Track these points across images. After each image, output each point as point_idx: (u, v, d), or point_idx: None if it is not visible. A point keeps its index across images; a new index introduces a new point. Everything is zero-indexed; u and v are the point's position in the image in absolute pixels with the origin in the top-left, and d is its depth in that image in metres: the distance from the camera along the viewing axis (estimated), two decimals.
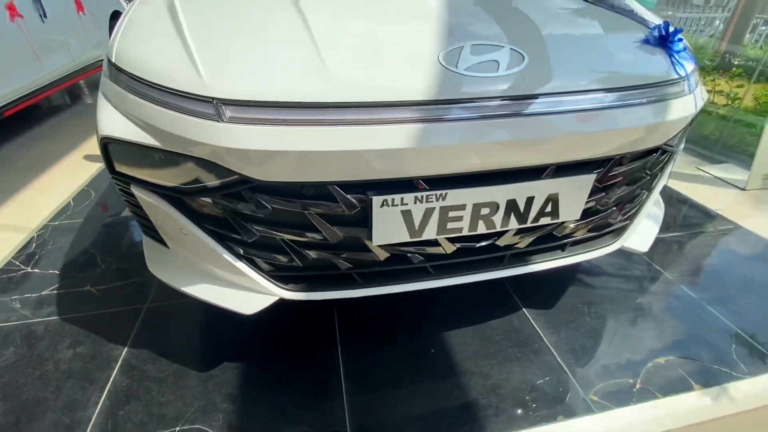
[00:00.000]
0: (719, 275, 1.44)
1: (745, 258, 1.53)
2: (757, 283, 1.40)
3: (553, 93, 0.77)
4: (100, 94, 0.88)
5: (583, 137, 0.79)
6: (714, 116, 2.95)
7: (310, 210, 0.77)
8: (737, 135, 2.64)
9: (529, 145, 0.77)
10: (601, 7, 1.03)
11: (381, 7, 0.93)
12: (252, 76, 0.73)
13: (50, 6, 2.85)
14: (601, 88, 0.81)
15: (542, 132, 0.76)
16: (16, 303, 1.29)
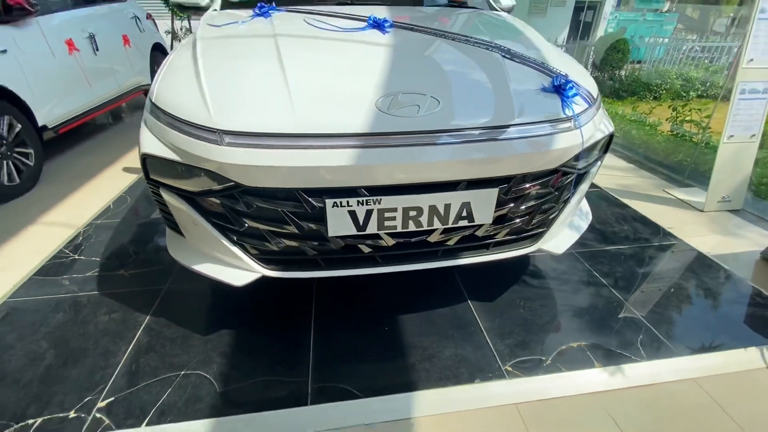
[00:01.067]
0: (647, 281, 1.65)
1: (675, 268, 1.74)
2: (679, 288, 1.61)
3: (458, 129, 1.06)
4: (142, 123, 1.23)
5: (483, 161, 1.07)
6: (689, 142, 3.15)
7: (282, 209, 1.08)
8: (709, 161, 2.83)
9: (440, 166, 1.05)
10: (516, 61, 1.32)
11: (339, 64, 1.26)
12: (243, 113, 1.06)
13: (102, 41, 3.37)
14: (499, 125, 1.10)
15: (449, 156, 1.05)
16: (65, 281, 1.64)
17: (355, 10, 1.69)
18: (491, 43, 1.39)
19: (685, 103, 3.41)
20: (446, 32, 1.45)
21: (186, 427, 1.07)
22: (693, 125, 3.18)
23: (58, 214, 2.22)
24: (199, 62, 1.24)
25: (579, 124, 1.17)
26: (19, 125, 2.45)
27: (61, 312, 1.47)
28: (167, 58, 1.40)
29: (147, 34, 4.24)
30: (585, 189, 1.38)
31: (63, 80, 2.88)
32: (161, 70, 1.32)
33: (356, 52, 1.30)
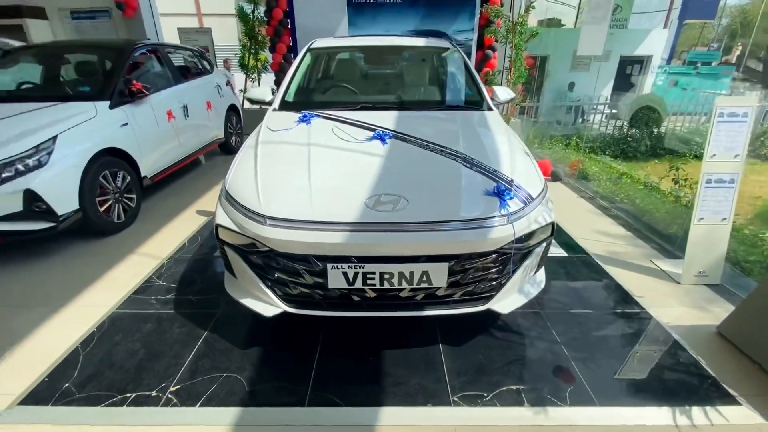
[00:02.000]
0: (596, 342, 1.96)
1: (627, 334, 2.03)
2: (622, 351, 1.91)
3: (419, 222, 1.56)
4: (218, 201, 1.85)
5: (435, 245, 1.55)
6: (684, 208, 3.34)
7: (299, 267, 1.61)
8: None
9: (405, 247, 1.54)
10: (469, 167, 1.81)
11: (346, 170, 1.83)
12: (281, 205, 1.64)
13: (192, 108, 4.32)
14: (450, 220, 1.58)
15: (411, 240, 1.54)
16: (152, 300, 2.29)
17: (373, 116, 2.29)
18: (459, 153, 1.90)
19: (685, 161, 3.59)
20: (428, 143, 1.99)
21: (223, 410, 1.59)
22: (688, 188, 3.37)
23: (149, 247, 2.95)
24: (258, 164, 1.86)
25: (511, 220, 1.62)
26: (128, 177, 3.30)
27: (149, 323, 2.10)
28: (239, 154, 2.06)
29: (225, 98, 5.24)
30: (531, 264, 1.79)
31: (161, 141, 3.77)
32: (234, 164, 1.97)
33: (360, 160, 1.87)
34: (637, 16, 14.17)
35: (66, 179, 2.73)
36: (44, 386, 1.71)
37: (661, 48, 11.50)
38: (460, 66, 2.95)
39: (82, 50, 4.11)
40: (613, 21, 11.70)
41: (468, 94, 2.78)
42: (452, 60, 3.06)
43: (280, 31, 6.25)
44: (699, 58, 13.44)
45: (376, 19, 6.22)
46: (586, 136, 7.42)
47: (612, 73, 11.44)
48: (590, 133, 7.92)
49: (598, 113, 10.34)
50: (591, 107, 10.52)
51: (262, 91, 2.82)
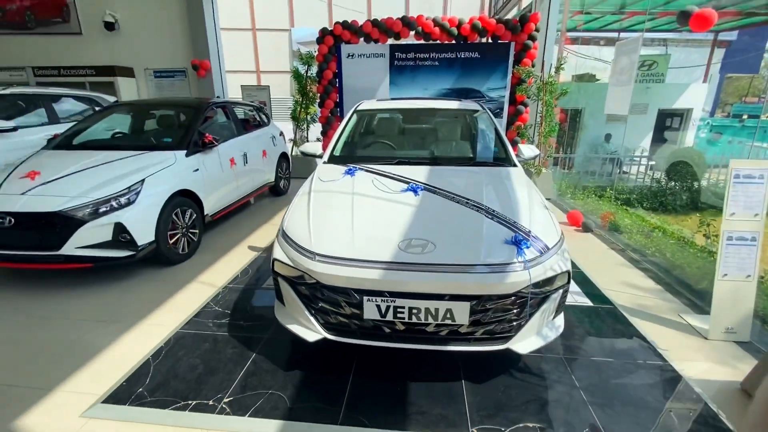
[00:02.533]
0: (616, 389, 2.04)
1: (648, 384, 2.09)
2: (641, 403, 1.97)
3: (444, 264, 1.81)
4: (275, 240, 2.20)
5: (458, 285, 1.78)
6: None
7: (340, 298, 1.89)
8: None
9: (431, 285, 1.79)
10: (491, 218, 2.06)
11: (384, 216, 2.13)
12: (328, 244, 1.95)
13: (250, 156, 4.91)
14: (472, 264, 1.81)
15: (437, 279, 1.78)
16: (210, 324, 2.63)
17: (408, 171, 2.63)
18: (482, 205, 2.17)
19: (714, 215, 3.59)
20: (455, 195, 2.28)
21: (268, 422, 1.82)
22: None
23: (207, 276, 3.35)
24: (310, 209, 2.22)
25: (528, 266, 1.83)
26: (195, 214, 3.81)
27: (207, 343, 2.42)
28: (294, 200, 2.43)
29: (278, 147, 5.88)
30: (549, 308, 1.96)
31: (223, 184, 4.32)
32: (291, 208, 2.34)
33: (395, 208, 2.18)
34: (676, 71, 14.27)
35: (147, 215, 3.24)
36: (123, 389, 2.04)
37: (701, 101, 11.43)
38: (488, 126, 3.28)
39: (165, 107, 4.88)
40: (650, 76, 11.89)
41: (494, 152, 3.08)
42: (481, 120, 3.41)
43: (329, 90, 6.99)
44: (745, 111, 13.17)
45: (415, 79, 6.83)
46: (620, 188, 7.44)
47: (650, 125, 11.45)
48: (626, 185, 7.91)
49: (636, 165, 10.29)
50: (629, 159, 10.50)
51: (314, 146, 3.27)
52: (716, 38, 12.91)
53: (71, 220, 2.91)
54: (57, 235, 2.92)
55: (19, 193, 2.98)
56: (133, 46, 7.98)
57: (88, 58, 7.96)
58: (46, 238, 2.93)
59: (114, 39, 7.96)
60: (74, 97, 5.78)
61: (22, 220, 2.89)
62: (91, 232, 2.97)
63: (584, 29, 12.05)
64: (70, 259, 2.97)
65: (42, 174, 3.18)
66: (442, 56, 6.67)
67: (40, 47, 8.03)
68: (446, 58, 6.67)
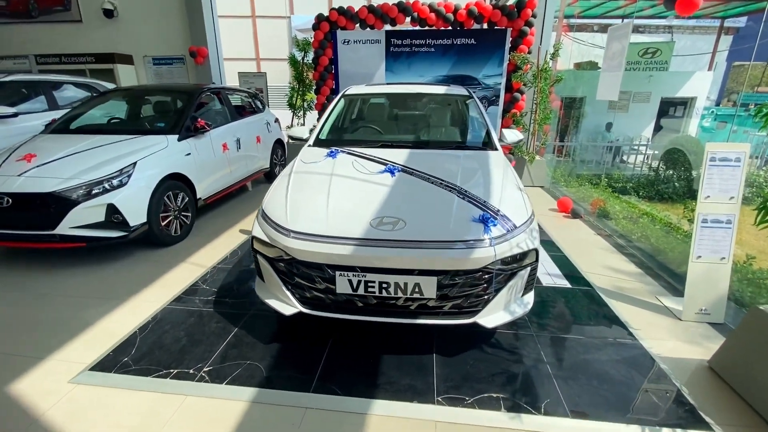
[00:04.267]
0: (582, 364, 2.11)
1: (614, 360, 2.15)
2: (605, 377, 2.03)
3: (413, 240, 1.87)
4: (255, 219, 2.27)
5: (425, 260, 1.84)
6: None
7: (314, 273, 1.96)
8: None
9: (400, 260, 1.85)
10: (462, 197, 2.11)
11: (359, 196, 2.19)
12: (303, 222, 2.02)
13: (243, 142, 4.97)
14: (439, 240, 1.87)
15: (406, 255, 1.85)
16: (196, 300, 2.72)
17: (390, 154, 2.68)
18: (455, 186, 2.22)
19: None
20: (430, 176, 2.33)
21: (244, 389, 1.92)
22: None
23: (197, 257, 3.45)
24: (288, 190, 2.29)
25: (493, 243, 1.89)
26: (186, 198, 3.89)
27: (193, 318, 2.51)
28: (276, 180, 2.50)
29: (272, 133, 5.93)
30: (516, 285, 2.02)
31: (215, 169, 4.39)
32: (271, 189, 2.41)
33: (370, 188, 2.23)
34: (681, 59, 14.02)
35: (139, 197, 3.33)
36: (109, 358, 2.14)
37: (705, 90, 11.26)
38: (474, 111, 3.31)
39: (159, 93, 4.94)
40: (653, 64, 11.70)
41: (477, 136, 3.12)
42: (466, 105, 3.44)
43: (324, 76, 7.00)
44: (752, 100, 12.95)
45: (412, 65, 6.82)
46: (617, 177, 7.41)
47: (653, 114, 11.32)
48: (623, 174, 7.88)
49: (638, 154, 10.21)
50: (630, 148, 10.42)
51: (301, 130, 3.32)
52: (722, 25, 12.64)
53: (65, 201, 3.00)
54: (52, 216, 3.01)
55: (16, 174, 3.08)
56: (132, 34, 8.02)
57: (88, 45, 8.02)
58: (41, 218, 3.03)
59: (113, 26, 8.00)
60: (74, 84, 5.85)
61: (18, 201, 2.99)
62: (84, 213, 3.06)
63: (585, 15, 11.85)
64: (64, 238, 3.07)
65: (38, 156, 3.27)
66: (438, 42, 6.63)
67: (42, 35, 8.09)
68: (442, 45, 6.64)
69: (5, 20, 8.06)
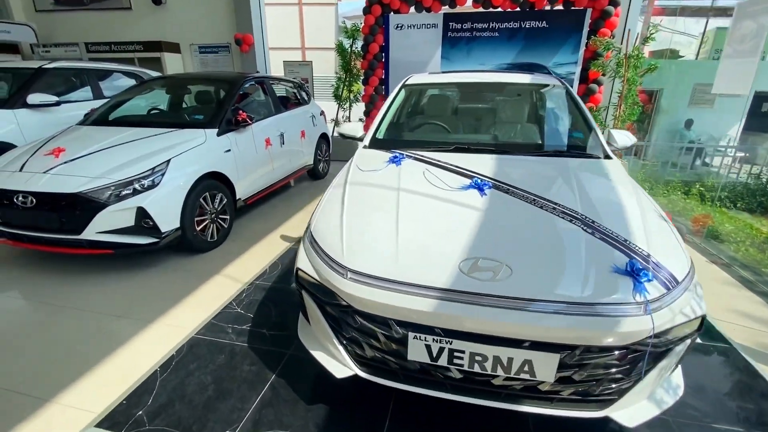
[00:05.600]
0: None
1: None
2: None
3: (525, 298, 1.28)
4: (302, 243, 1.78)
5: (544, 329, 1.26)
6: None
7: (378, 329, 1.43)
8: None
9: (505, 327, 1.28)
10: (592, 233, 1.47)
11: (439, 224, 1.61)
12: (364, 258, 1.49)
13: (287, 137, 4.54)
14: (566, 301, 1.27)
15: (514, 320, 1.27)
16: (229, 329, 2.29)
17: (469, 160, 2.08)
18: (576, 213, 1.58)
19: None
20: (536, 197, 1.71)
21: None
22: None
23: (233, 269, 3.05)
24: (344, 208, 1.76)
25: (649, 310, 1.26)
26: (225, 199, 3.50)
27: (223, 355, 2.08)
28: (327, 193, 1.99)
29: (318, 127, 5.47)
30: (668, 365, 1.38)
31: (257, 167, 3.98)
32: (321, 204, 1.90)
33: (454, 212, 1.66)
34: None
35: (172, 199, 2.95)
36: (121, 410, 1.74)
37: None
38: (570, 105, 2.62)
39: (202, 82, 4.60)
40: None
41: (579, 138, 2.44)
42: (559, 98, 2.75)
43: (374, 65, 6.45)
44: None
45: (471, 52, 6.11)
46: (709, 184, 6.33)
47: (742, 110, 9.80)
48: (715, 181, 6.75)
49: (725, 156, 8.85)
50: (714, 149, 9.07)
51: (354, 126, 2.79)
52: None
53: (91, 203, 2.67)
54: (77, 219, 2.70)
55: (41, 171, 2.79)
56: (179, 21, 7.84)
57: (136, 33, 7.94)
58: (67, 220, 2.72)
59: (161, 14, 7.86)
60: (122, 73, 5.69)
61: (42, 201, 2.69)
62: (112, 216, 2.72)
63: None
64: (92, 244, 2.75)
65: (67, 151, 2.97)
66: (503, 26, 5.87)
67: (92, 23, 8.11)
68: (508, 29, 5.87)
69: (59, 7, 8.15)
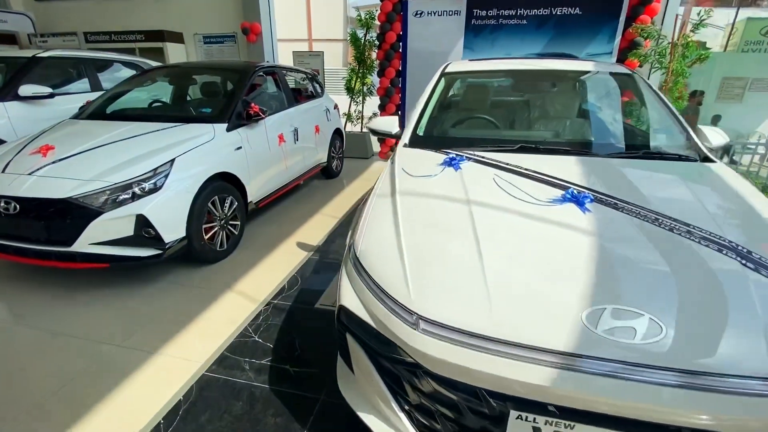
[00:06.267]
0: None
1: None
2: None
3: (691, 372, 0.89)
4: (344, 269, 1.39)
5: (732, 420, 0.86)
6: None
7: (461, 400, 1.05)
8: None
9: (662, 411, 0.89)
10: (755, 268, 1.08)
11: (538, 254, 1.20)
12: (442, 301, 1.10)
13: (301, 132, 4.14)
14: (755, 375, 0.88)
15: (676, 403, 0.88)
16: (246, 365, 1.91)
17: (543, 163, 1.68)
18: (723, 240, 1.18)
19: None
20: (659, 216, 1.30)
21: None
22: None
23: (246, 284, 2.66)
24: (400, 227, 1.36)
25: None
26: (236, 203, 3.11)
27: (240, 402, 1.70)
28: (370, 205, 1.59)
29: (332, 122, 5.07)
30: None
31: (270, 166, 3.59)
32: (366, 219, 1.50)
33: (555, 239, 1.25)
34: None
35: (177, 204, 2.57)
36: None
37: None
38: (648, 97, 2.21)
39: (209, 72, 4.20)
40: None
41: (667, 136, 2.03)
42: (633, 88, 2.34)
43: (390, 55, 6.02)
44: None
45: (496, 42, 5.67)
46: None
47: None
48: None
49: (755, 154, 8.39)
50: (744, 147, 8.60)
51: (388, 121, 2.39)
52: None
53: (83, 210, 2.28)
54: (68, 228, 2.32)
55: (26, 173, 2.40)
56: (183, 9, 7.43)
57: (138, 22, 7.53)
58: (55, 230, 2.34)
59: (163, 2, 7.45)
60: (121, 63, 5.29)
61: (26, 207, 2.31)
62: (107, 225, 2.34)
63: None
64: (85, 257, 2.37)
65: (56, 149, 2.58)
66: (532, 13, 5.43)
67: (91, 11, 7.71)
68: (537, 16, 5.43)
69: None
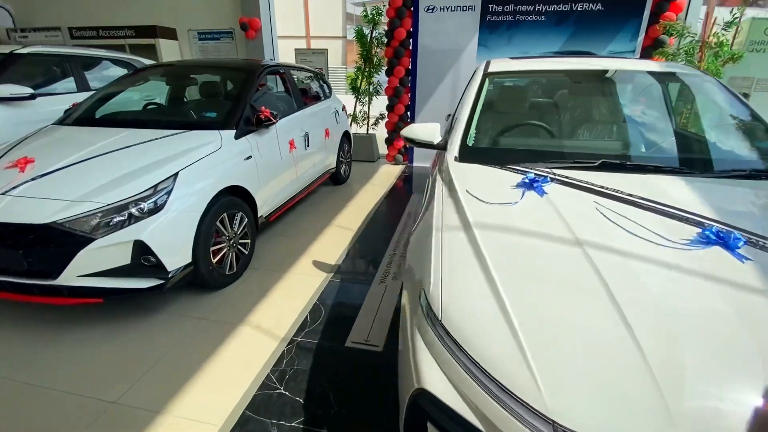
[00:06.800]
0: None
1: None
2: None
3: None
4: (418, 334, 1.06)
5: None
6: None
7: None
8: None
9: None
10: None
11: (714, 334, 0.87)
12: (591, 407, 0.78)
13: (312, 137, 3.79)
14: None
15: None
16: (274, 428, 1.58)
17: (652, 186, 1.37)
18: None
19: None
20: None
21: None
22: None
23: (262, 315, 2.32)
24: (494, 277, 1.03)
25: None
26: (246, 219, 2.76)
27: None
28: (435, 240, 1.25)
29: (341, 124, 4.73)
30: None
31: (282, 175, 3.24)
32: (435, 264, 1.17)
33: (723, 303, 0.93)
34: None
35: (182, 226, 2.22)
36: None
37: None
38: (733, 104, 1.92)
39: (210, 71, 3.83)
40: None
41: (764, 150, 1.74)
42: (713, 93, 2.05)
43: (400, 53, 5.68)
44: None
45: (512, 39, 5.38)
46: None
47: None
48: None
49: None
50: None
51: (428, 129, 2.05)
52: None
53: (69, 237, 1.92)
54: (52, 258, 1.96)
55: (0, 191, 2.03)
56: (176, 4, 7.00)
57: (128, 17, 7.08)
58: (37, 260, 1.97)
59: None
60: (110, 61, 4.88)
61: (1, 234, 1.94)
62: (99, 254, 1.98)
63: None
64: (72, 291, 2.01)
65: (37, 162, 2.21)
66: (551, 9, 5.14)
67: (77, 5, 7.23)
68: (557, 12, 5.14)
69: None
